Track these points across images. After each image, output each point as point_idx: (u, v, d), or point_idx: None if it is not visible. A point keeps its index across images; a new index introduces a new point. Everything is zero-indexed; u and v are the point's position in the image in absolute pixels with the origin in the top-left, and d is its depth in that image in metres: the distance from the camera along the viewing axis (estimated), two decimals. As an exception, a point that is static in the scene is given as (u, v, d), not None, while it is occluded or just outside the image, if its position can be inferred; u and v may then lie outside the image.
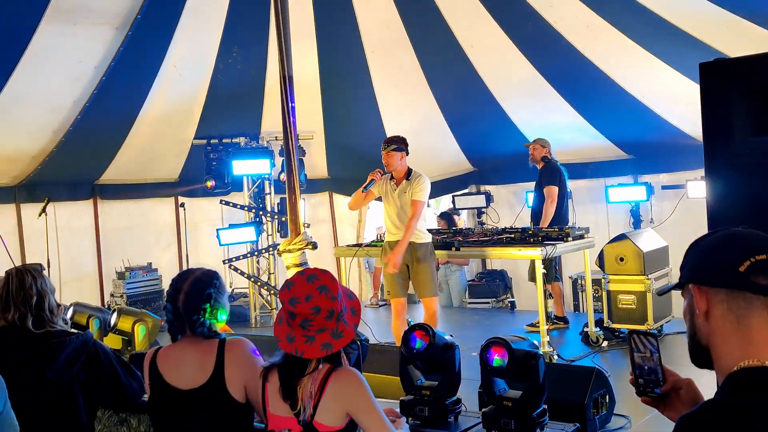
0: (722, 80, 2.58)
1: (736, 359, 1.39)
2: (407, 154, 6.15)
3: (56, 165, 8.67)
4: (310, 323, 2.44)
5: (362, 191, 6.21)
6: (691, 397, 1.70)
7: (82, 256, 9.34)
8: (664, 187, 8.69)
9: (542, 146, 7.71)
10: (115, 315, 4.84)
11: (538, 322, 6.47)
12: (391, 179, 6.17)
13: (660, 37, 7.61)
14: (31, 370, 2.95)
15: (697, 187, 7.94)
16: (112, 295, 9.25)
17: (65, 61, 7.71)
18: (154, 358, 2.84)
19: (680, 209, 8.43)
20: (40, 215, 8.07)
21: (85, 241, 9.40)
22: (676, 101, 8.26)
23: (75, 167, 9.04)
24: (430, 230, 7.75)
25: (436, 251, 6.66)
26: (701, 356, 1.50)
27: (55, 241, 8.37)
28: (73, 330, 3.16)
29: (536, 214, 7.62)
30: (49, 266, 8.02)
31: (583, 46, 8.18)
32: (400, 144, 6.10)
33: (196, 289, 2.80)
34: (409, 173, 6.13)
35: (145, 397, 3.22)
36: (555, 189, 7.40)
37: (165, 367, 2.80)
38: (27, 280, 3.10)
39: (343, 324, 2.49)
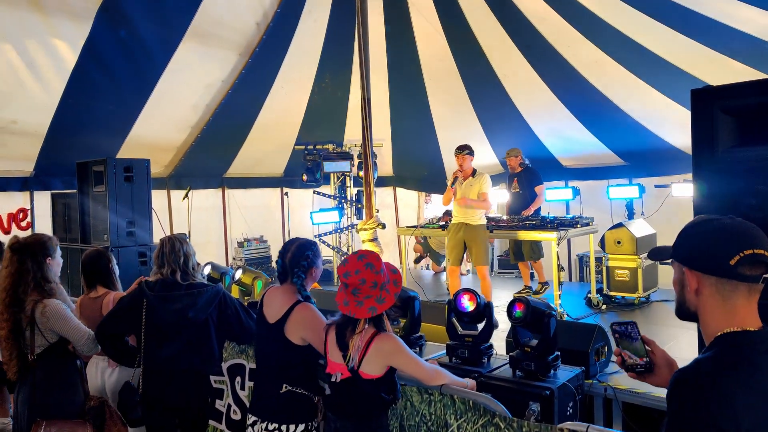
0: (708, 103, 2.46)
1: (721, 327, 1.34)
2: (474, 157, 6.31)
3: (195, 161, 8.85)
4: (359, 291, 2.45)
5: (450, 187, 6.30)
6: (666, 361, 1.62)
7: (212, 229, 9.52)
8: (657, 186, 8.39)
9: (514, 156, 7.53)
10: (239, 271, 4.91)
11: (541, 289, 6.80)
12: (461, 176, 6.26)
13: (653, 69, 7.35)
14: (179, 311, 3.03)
15: (680, 188, 7.65)
16: (233, 258, 9.44)
17: (200, 71, 7.77)
18: (264, 294, 2.92)
19: (665, 205, 8.15)
20: (183, 199, 8.26)
21: (215, 218, 9.58)
22: (665, 120, 7.98)
23: (209, 163, 9.22)
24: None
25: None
26: (687, 316, 1.44)
27: (194, 218, 8.59)
28: (208, 283, 3.23)
29: (518, 206, 7.43)
30: (189, 236, 8.24)
31: (592, 77, 7.97)
32: (470, 149, 6.24)
33: (300, 250, 2.83)
34: (474, 171, 6.25)
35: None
36: (543, 187, 7.30)
37: (266, 301, 2.86)
38: (176, 245, 3.17)
39: (385, 293, 2.48)
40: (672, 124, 7.87)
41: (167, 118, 8.12)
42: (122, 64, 6.98)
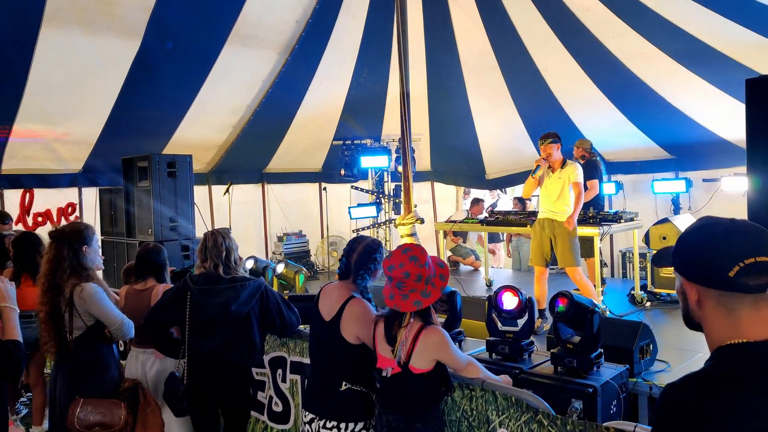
0: (764, 93, 2.36)
1: (725, 338, 1.22)
2: (561, 145, 5.46)
3: (235, 157, 9.01)
4: (404, 285, 2.44)
5: (532, 178, 5.48)
6: None
7: (252, 223, 9.65)
8: (705, 180, 8.13)
9: (576, 147, 7.34)
10: (281, 265, 4.97)
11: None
12: (548, 167, 5.46)
13: (702, 60, 7.11)
14: (222, 304, 3.08)
15: (730, 182, 7.40)
16: (273, 253, 9.56)
17: (241, 73, 7.89)
18: (320, 289, 2.90)
19: (714, 199, 7.91)
20: (224, 194, 8.41)
21: (255, 213, 9.71)
22: (714, 111, 7.72)
23: (248, 159, 9.34)
24: (507, 211, 7.58)
25: (511, 228, 6.43)
26: (694, 326, 1.31)
27: (234, 212, 8.70)
28: (251, 276, 3.27)
29: None
30: (230, 230, 8.34)
31: (638, 69, 7.76)
32: (555, 137, 5.42)
33: (367, 252, 2.78)
34: (564, 162, 5.45)
35: (301, 327, 3.32)
36: (596, 182, 7.05)
37: (322, 296, 2.85)
38: (219, 239, 3.23)
39: (431, 286, 2.46)
40: (721, 116, 7.62)
41: (209, 120, 8.31)
42: (168, 75, 7.21)
